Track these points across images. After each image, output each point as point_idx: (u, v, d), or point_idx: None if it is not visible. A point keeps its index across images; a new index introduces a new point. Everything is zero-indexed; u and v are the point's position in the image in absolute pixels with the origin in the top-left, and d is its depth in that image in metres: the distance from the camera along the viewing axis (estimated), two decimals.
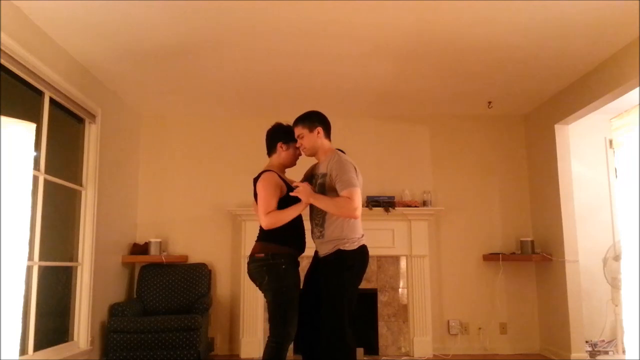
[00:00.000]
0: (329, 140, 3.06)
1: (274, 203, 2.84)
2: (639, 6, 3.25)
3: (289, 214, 2.85)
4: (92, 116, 4.45)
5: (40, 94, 3.73)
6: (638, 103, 3.24)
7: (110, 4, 3.21)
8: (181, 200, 5.47)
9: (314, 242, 3.00)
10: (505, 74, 4.44)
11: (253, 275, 2.94)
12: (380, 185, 5.43)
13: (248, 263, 2.97)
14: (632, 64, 3.73)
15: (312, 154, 3.04)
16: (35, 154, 3.43)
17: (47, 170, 3.81)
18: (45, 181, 3.79)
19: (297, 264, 2.98)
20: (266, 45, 3.85)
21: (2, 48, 3.11)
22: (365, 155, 5.46)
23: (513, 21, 3.46)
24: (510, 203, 5.50)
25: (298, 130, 3.01)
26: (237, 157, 5.48)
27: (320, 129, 2.99)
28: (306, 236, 3.04)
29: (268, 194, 2.84)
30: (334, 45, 3.84)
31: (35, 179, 3.63)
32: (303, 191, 2.85)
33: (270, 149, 3.09)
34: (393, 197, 5.26)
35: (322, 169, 2.96)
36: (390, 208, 5.14)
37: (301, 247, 3.01)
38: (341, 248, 2.83)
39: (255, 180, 2.98)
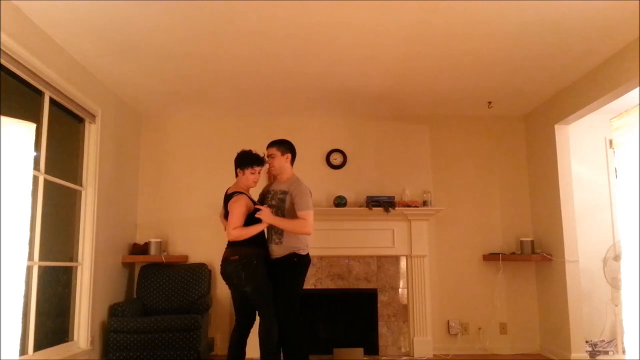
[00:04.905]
0: (292, 166, 3.75)
1: (241, 221, 3.46)
2: (639, 6, 3.25)
3: (251, 231, 3.47)
4: (92, 116, 4.45)
5: (40, 94, 3.73)
6: (638, 103, 3.24)
7: (110, 4, 3.21)
8: (181, 200, 5.47)
9: (271, 246, 3.60)
10: (505, 74, 4.43)
11: (229, 274, 3.52)
12: (380, 185, 5.44)
13: (223, 266, 3.54)
14: (632, 64, 3.73)
15: (278, 173, 3.71)
16: (35, 154, 3.43)
17: (47, 170, 3.81)
18: (45, 181, 3.79)
19: (266, 262, 3.56)
20: (266, 46, 3.85)
21: (2, 48, 3.11)
22: (365, 155, 5.47)
23: (513, 21, 3.46)
24: (510, 203, 5.50)
25: (271, 151, 3.68)
26: None
27: (289, 155, 3.71)
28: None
29: (239, 213, 3.46)
30: (334, 45, 3.84)
31: (35, 179, 3.63)
32: (265, 214, 3.50)
33: (235, 174, 3.72)
34: (393, 197, 5.26)
35: (283, 187, 3.64)
36: (390, 208, 5.15)
37: (266, 249, 3.62)
38: (296, 252, 3.55)
39: (227, 198, 3.57)
